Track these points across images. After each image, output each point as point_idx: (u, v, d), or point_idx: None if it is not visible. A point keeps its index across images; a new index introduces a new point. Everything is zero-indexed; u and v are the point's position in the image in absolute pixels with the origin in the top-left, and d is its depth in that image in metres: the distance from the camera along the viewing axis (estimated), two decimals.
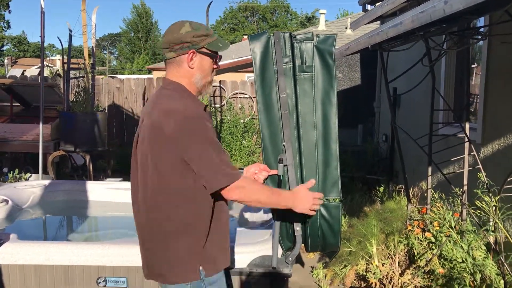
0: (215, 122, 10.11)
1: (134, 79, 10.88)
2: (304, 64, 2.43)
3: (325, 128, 2.39)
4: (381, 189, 6.40)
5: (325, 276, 4.37)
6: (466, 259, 3.67)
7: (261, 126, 2.42)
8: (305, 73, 2.43)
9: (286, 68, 2.45)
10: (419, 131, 5.27)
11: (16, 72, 25.27)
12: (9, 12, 42.66)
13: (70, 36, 7.14)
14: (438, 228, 4.22)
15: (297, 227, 2.37)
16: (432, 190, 4.83)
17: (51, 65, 24.05)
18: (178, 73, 2.00)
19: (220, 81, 10.55)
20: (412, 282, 3.93)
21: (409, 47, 4.26)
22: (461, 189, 4.34)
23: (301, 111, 2.41)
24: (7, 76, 13.02)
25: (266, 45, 2.47)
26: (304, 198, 2.07)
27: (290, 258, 2.49)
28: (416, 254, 4.20)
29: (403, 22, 3.07)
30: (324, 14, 15.50)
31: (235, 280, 2.53)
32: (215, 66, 2.07)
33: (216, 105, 10.35)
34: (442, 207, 4.47)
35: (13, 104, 8.33)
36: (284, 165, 2.32)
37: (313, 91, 2.41)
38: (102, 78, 10.79)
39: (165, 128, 1.84)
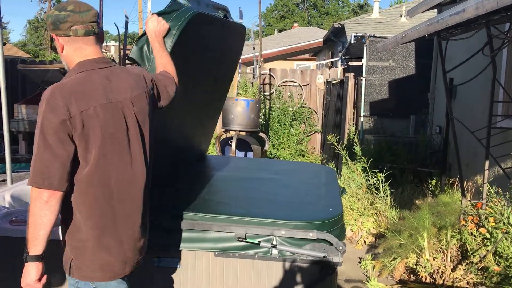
0: (263, 110, 10.13)
1: None
2: None
3: None
4: (433, 182, 6.23)
5: (374, 268, 4.33)
6: None
7: None
8: None
9: None
10: (475, 124, 5.08)
11: None
12: None
13: (127, 23, 7.33)
14: (494, 224, 4.08)
15: None
16: (488, 185, 4.66)
17: (106, 51, 24.74)
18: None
19: (270, 69, 10.54)
20: (464, 278, 3.83)
21: (470, 36, 4.10)
22: None
23: None
24: None
25: None
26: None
27: (341, 247, 2.49)
28: (469, 249, 4.08)
29: (466, 10, 2.95)
30: (378, 1, 15.11)
31: (279, 266, 2.54)
32: None
33: (265, 93, 10.36)
34: (499, 202, 4.31)
35: None
36: None
37: None
38: None
39: None
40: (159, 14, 2.42)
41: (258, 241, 2.47)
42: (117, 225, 1.93)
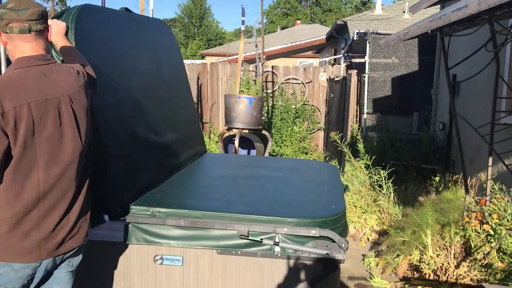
0: (266, 108, 10.14)
1: (188, 64, 11.04)
2: None
3: None
4: (437, 179, 6.21)
5: (377, 265, 4.33)
6: None
7: None
8: None
9: None
10: (479, 120, 5.07)
11: None
12: None
13: None
14: (497, 220, 4.07)
15: None
16: (492, 181, 4.64)
17: None
18: (45, 45, 2.03)
19: (272, 67, 10.53)
20: (468, 275, 3.82)
21: (473, 32, 4.08)
22: None
23: None
24: None
25: None
26: None
27: (344, 244, 2.49)
28: (473, 246, 4.07)
29: (468, 5, 2.93)
30: None
31: (282, 264, 2.54)
32: None
33: (268, 91, 10.35)
34: (503, 199, 4.29)
35: None
36: None
37: None
38: None
39: None
40: (53, 18, 2.49)
41: (261, 239, 2.47)
42: (38, 216, 1.97)
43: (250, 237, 2.47)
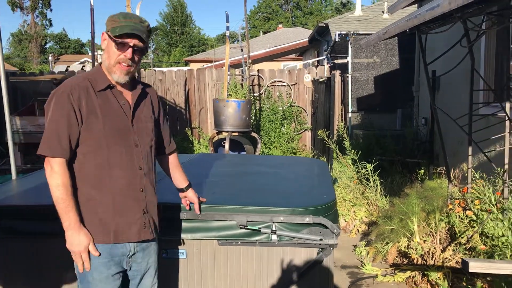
0: (254, 111, 10.33)
1: (175, 71, 11.19)
2: None
3: None
4: (422, 171, 6.44)
5: (368, 254, 4.53)
6: (505, 234, 3.75)
7: None
8: None
9: None
10: (459, 113, 5.30)
11: (60, 68, 26.05)
12: (51, 10, 44.01)
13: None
14: (479, 206, 4.29)
15: None
16: (473, 170, 4.88)
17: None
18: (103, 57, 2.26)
19: (258, 70, 10.74)
20: (453, 258, 4.04)
21: (447, 29, 4.31)
22: (503, 168, 4.39)
23: None
24: (56, 72, 13.59)
25: None
26: (75, 241, 2.09)
27: (336, 230, 2.68)
28: (457, 232, 4.29)
29: (440, 4, 3.16)
30: None
31: (279, 251, 2.72)
32: (119, 52, 2.12)
33: (255, 94, 10.55)
34: (483, 185, 4.53)
35: None
36: None
37: None
38: (145, 71, 11.15)
39: None
40: None
41: (259, 228, 2.65)
42: None
43: (248, 227, 2.65)
